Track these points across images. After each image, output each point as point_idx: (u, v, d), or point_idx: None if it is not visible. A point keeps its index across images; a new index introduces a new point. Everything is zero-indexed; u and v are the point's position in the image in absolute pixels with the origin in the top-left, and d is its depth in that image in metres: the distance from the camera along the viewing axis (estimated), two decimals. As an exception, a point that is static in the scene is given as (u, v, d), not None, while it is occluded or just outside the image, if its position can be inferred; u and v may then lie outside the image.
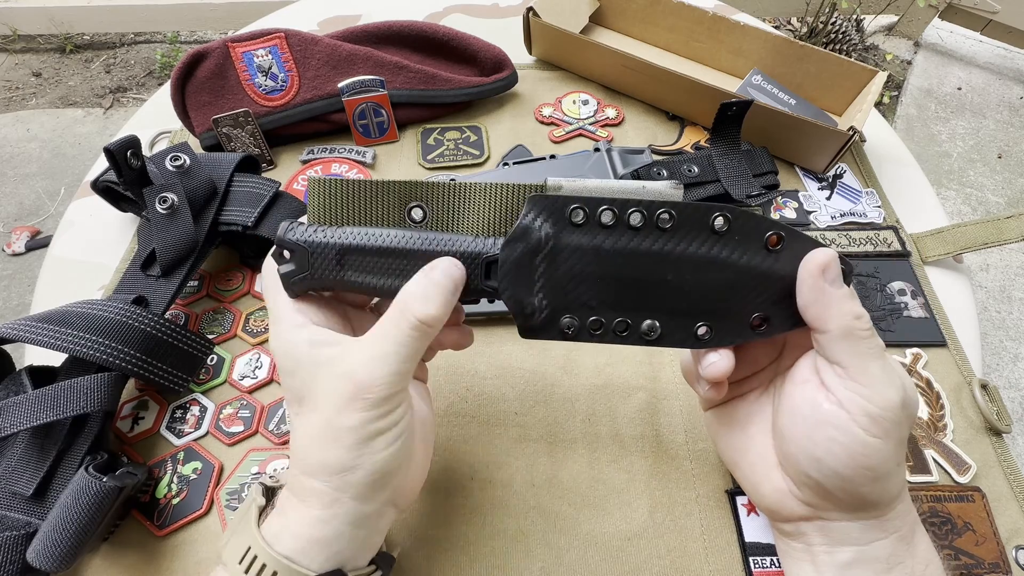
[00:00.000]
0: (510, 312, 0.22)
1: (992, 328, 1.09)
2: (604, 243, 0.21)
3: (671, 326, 0.22)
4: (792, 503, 0.23)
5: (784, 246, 0.21)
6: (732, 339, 0.22)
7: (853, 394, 0.20)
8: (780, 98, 0.49)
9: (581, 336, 0.22)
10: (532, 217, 0.22)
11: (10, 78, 1.47)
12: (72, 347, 0.28)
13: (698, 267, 0.21)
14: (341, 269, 0.22)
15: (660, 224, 0.21)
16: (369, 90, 0.46)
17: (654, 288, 0.22)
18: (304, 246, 0.22)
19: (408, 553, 0.29)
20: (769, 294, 0.22)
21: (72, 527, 0.25)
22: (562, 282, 0.22)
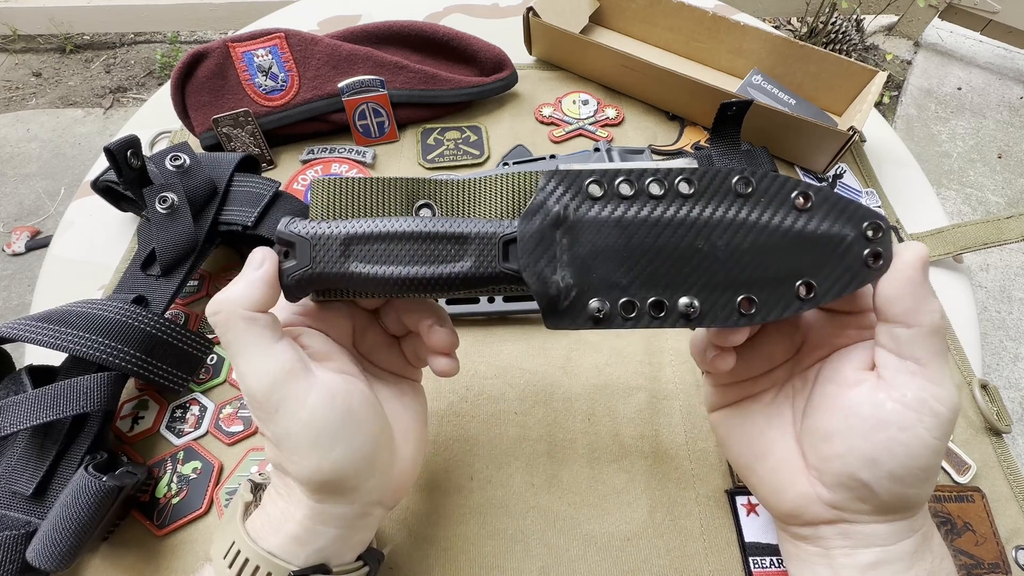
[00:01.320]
0: (534, 295, 0.20)
1: (992, 328, 1.09)
2: (626, 214, 0.20)
3: (711, 301, 0.20)
4: (817, 507, 0.22)
5: (814, 205, 0.20)
6: (780, 311, 0.20)
7: (925, 394, 0.19)
8: (780, 98, 0.49)
9: (613, 321, 0.20)
10: (549, 190, 0.20)
11: (10, 78, 1.47)
12: (72, 347, 0.28)
13: (728, 232, 0.20)
14: (347, 260, 0.21)
15: (680, 191, 0.20)
16: (369, 90, 0.46)
17: (686, 259, 0.20)
18: (306, 237, 0.21)
19: (408, 553, 0.29)
20: (809, 257, 0.20)
21: (72, 526, 0.25)
22: (587, 259, 0.20)
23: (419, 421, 0.25)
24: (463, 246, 0.21)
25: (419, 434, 0.25)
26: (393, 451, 0.23)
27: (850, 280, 0.20)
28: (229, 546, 0.21)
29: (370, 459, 0.21)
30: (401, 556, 0.29)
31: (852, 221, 0.20)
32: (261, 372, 0.20)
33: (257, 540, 0.21)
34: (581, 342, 0.37)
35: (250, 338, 0.20)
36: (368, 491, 0.22)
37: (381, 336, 0.26)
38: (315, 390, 0.20)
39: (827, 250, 0.20)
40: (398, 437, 0.24)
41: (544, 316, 0.21)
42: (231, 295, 0.20)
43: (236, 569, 0.20)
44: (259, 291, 0.20)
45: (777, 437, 0.23)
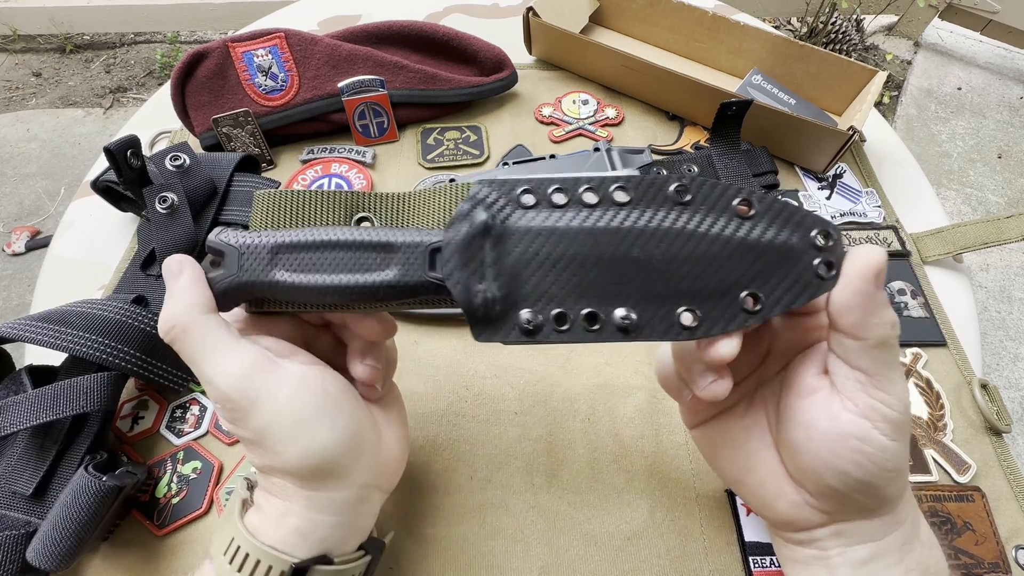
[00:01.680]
0: (459, 305, 0.19)
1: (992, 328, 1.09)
2: (559, 223, 0.19)
3: (649, 313, 0.19)
4: (809, 513, 0.22)
5: (757, 212, 0.19)
6: (725, 324, 0.19)
7: (875, 401, 0.19)
8: (780, 98, 0.49)
9: (544, 333, 0.19)
10: (479, 199, 0.20)
11: (10, 78, 1.47)
12: (72, 346, 0.28)
13: (666, 241, 0.19)
14: (273, 268, 0.20)
15: (616, 199, 0.19)
16: (369, 90, 0.46)
17: (621, 270, 0.19)
18: (235, 246, 0.20)
19: (408, 553, 0.29)
20: (755, 268, 0.19)
21: (72, 526, 0.25)
22: (516, 268, 0.19)
23: (397, 404, 0.26)
24: (389, 255, 0.20)
25: (398, 416, 0.25)
26: (378, 431, 0.23)
27: (801, 291, 0.19)
28: (229, 542, 0.21)
29: (356, 438, 0.21)
30: (401, 556, 0.29)
31: (800, 229, 0.19)
32: (230, 370, 0.20)
33: (256, 535, 0.21)
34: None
35: (212, 339, 0.20)
36: (361, 471, 0.22)
37: (334, 340, 0.25)
38: (287, 379, 0.20)
39: (774, 260, 0.19)
40: (379, 418, 0.24)
41: (471, 327, 0.20)
42: (179, 305, 0.20)
43: (237, 564, 0.20)
44: (199, 294, 0.20)
45: (758, 449, 0.23)
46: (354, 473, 0.22)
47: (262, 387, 0.20)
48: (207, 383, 0.20)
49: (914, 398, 0.35)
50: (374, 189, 0.46)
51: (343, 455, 0.21)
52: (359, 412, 0.22)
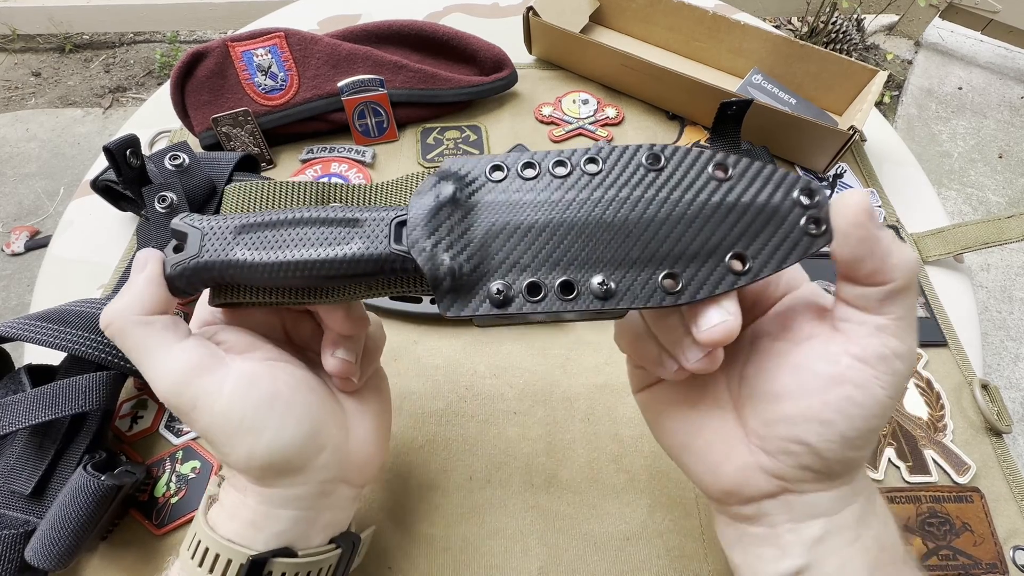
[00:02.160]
0: (426, 278, 0.18)
1: (993, 328, 1.09)
2: (528, 193, 0.19)
3: (629, 279, 0.18)
4: (759, 479, 0.20)
5: (734, 174, 0.18)
6: (712, 287, 0.18)
7: (887, 350, 0.18)
8: (780, 97, 0.48)
9: (517, 304, 0.18)
10: (448, 171, 0.19)
11: (9, 78, 1.47)
12: (71, 346, 0.28)
13: (642, 204, 0.18)
14: (233, 247, 0.19)
15: (587, 170, 0.19)
16: (369, 89, 0.46)
17: (596, 235, 0.18)
18: (198, 228, 0.20)
19: (407, 553, 0.29)
20: (738, 228, 0.18)
21: (70, 526, 0.25)
22: (486, 239, 0.18)
23: (377, 395, 0.25)
24: (353, 228, 0.19)
25: (377, 408, 0.24)
26: (345, 426, 0.23)
27: (791, 249, 0.18)
28: (192, 537, 0.21)
29: (311, 436, 0.21)
30: (400, 556, 0.29)
31: (781, 188, 0.18)
32: (166, 373, 0.20)
33: (215, 528, 0.21)
34: (581, 342, 0.37)
35: (149, 342, 0.20)
36: (320, 469, 0.21)
37: (315, 327, 0.25)
38: (230, 379, 0.20)
39: (759, 220, 0.18)
40: (352, 412, 0.23)
41: (437, 301, 0.18)
42: (120, 304, 0.20)
43: (198, 559, 0.20)
44: (148, 295, 0.20)
45: (710, 408, 0.22)
46: (311, 469, 0.21)
47: (201, 389, 0.19)
48: (150, 384, 0.20)
49: (914, 398, 0.35)
50: (374, 189, 0.45)
51: (296, 455, 0.21)
52: (317, 408, 0.22)
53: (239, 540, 0.20)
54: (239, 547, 0.20)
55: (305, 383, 0.22)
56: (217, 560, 0.20)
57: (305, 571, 0.21)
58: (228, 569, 0.20)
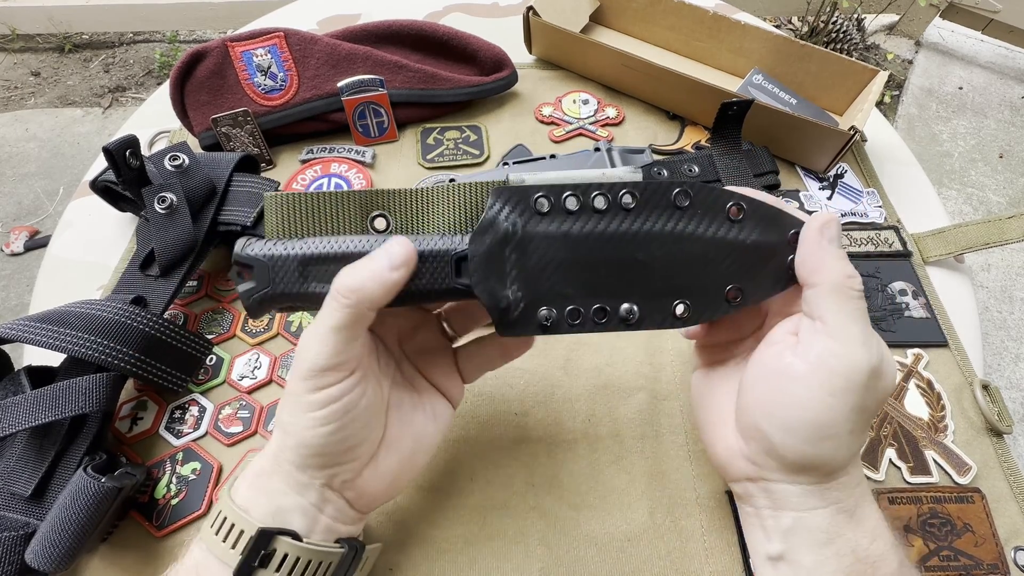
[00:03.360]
0: (486, 308, 0.22)
1: (993, 328, 1.09)
2: (572, 228, 0.22)
3: (649, 307, 0.22)
4: (740, 461, 0.23)
5: (746, 216, 0.22)
6: (711, 314, 0.22)
7: (824, 349, 0.20)
8: (781, 97, 0.48)
9: (560, 327, 0.22)
10: (498, 209, 0.22)
11: (9, 78, 1.47)
12: (71, 347, 0.28)
13: (667, 243, 0.22)
14: (305, 281, 0.22)
15: (624, 205, 0.22)
16: (368, 89, 0.46)
17: (627, 270, 0.22)
18: (264, 260, 0.22)
19: (407, 553, 0.29)
20: (739, 264, 0.22)
21: (71, 528, 0.25)
22: (535, 272, 0.22)
23: (417, 440, 0.25)
24: (417, 264, 0.22)
25: (409, 450, 0.24)
26: (373, 453, 0.23)
27: (774, 284, 0.22)
28: (217, 514, 0.22)
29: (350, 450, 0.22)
30: (401, 556, 0.29)
31: (779, 230, 0.22)
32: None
33: (234, 497, 0.22)
34: (581, 343, 0.37)
35: (348, 318, 0.21)
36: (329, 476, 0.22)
37: (434, 339, 0.26)
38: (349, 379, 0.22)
39: (756, 257, 0.22)
40: (387, 444, 0.24)
41: (496, 326, 0.22)
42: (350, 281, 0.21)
43: (216, 527, 0.21)
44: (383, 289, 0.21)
45: (722, 394, 0.25)
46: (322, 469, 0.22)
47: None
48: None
49: (915, 399, 0.35)
50: (374, 189, 0.45)
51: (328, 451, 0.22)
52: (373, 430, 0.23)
53: (248, 507, 0.21)
54: (248, 516, 0.21)
55: (378, 404, 0.23)
56: (232, 530, 0.21)
57: (306, 559, 0.21)
58: (239, 539, 0.21)
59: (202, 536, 0.22)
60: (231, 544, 0.21)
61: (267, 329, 0.37)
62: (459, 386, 0.27)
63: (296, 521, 0.22)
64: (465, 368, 0.27)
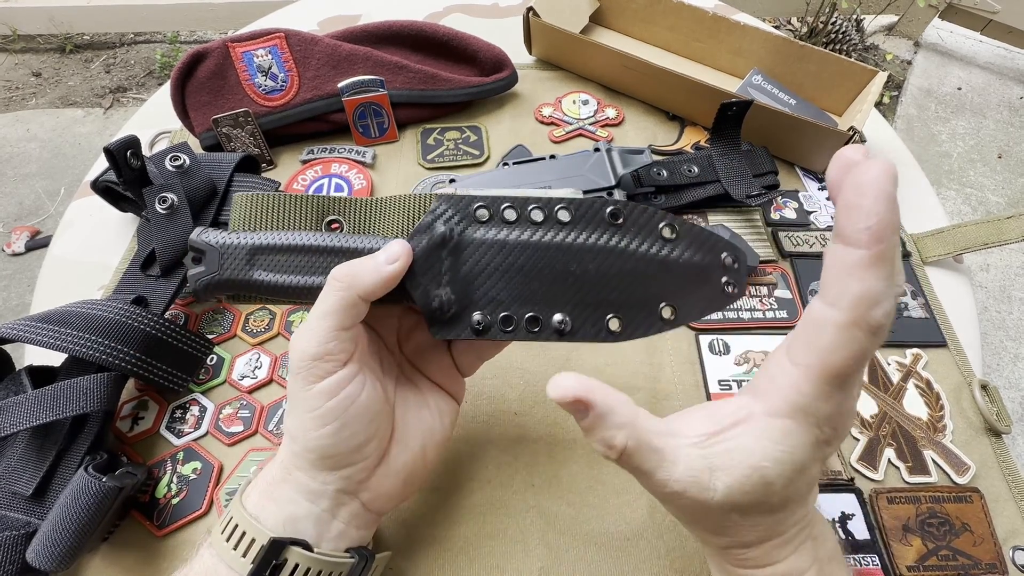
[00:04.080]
0: (418, 307, 0.22)
1: (992, 328, 1.09)
2: (508, 237, 0.22)
3: (582, 319, 0.22)
4: None
5: (679, 235, 0.22)
6: (645, 330, 0.22)
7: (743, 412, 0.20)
8: (780, 98, 0.49)
9: (493, 332, 0.22)
10: (438, 213, 0.22)
11: (10, 78, 1.47)
12: (71, 347, 0.28)
13: (600, 257, 0.22)
14: (251, 268, 0.23)
15: (559, 219, 0.22)
16: (369, 90, 0.46)
17: (560, 280, 0.22)
18: (216, 247, 0.23)
19: (407, 553, 0.29)
20: (673, 283, 0.22)
21: (72, 527, 0.25)
22: (469, 277, 0.22)
23: (427, 436, 0.25)
24: (356, 259, 0.22)
25: (419, 446, 0.25)
26: (384, 451, 0.24)
27: (708, 304, 0.22)
28: (228, 519, 0.22)
29: (356, 449, 0.22)
30: (401, 556, 0.29)
31: (713, 252, 0.22)
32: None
33: (245, 504, 0.22)
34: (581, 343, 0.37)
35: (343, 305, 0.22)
36: (342, 479, 0.22)
37: (430, 338, 0.26)
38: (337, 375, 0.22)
39: (689, 277, 0.22)
40: (397, 442, 0.24)
41: (428, 326, 0.23)
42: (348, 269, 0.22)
43: (227, 534, 0.21)
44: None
45: None
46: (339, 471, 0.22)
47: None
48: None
49: (914, 399, 0.35)
50: (374, 189, 0.46)
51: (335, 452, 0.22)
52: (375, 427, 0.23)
53: (260, 516, 0.21)
54: (260, 525, 0.21)
55: (379, 401, 0.23)
56: (243, 538, 0.21)
57: (317, 569, 0.21)
58: (251, 548, 0.21)
59: (212, 541, 0.22)
60: (242, 552, 0.21)
61: (268, 329, 0.37)
62: (460, 382, 0.27)
63: (307, 529, 0.22)
64: (462, 362, 0.27)
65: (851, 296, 0.16)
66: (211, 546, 0.22)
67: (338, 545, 0.23)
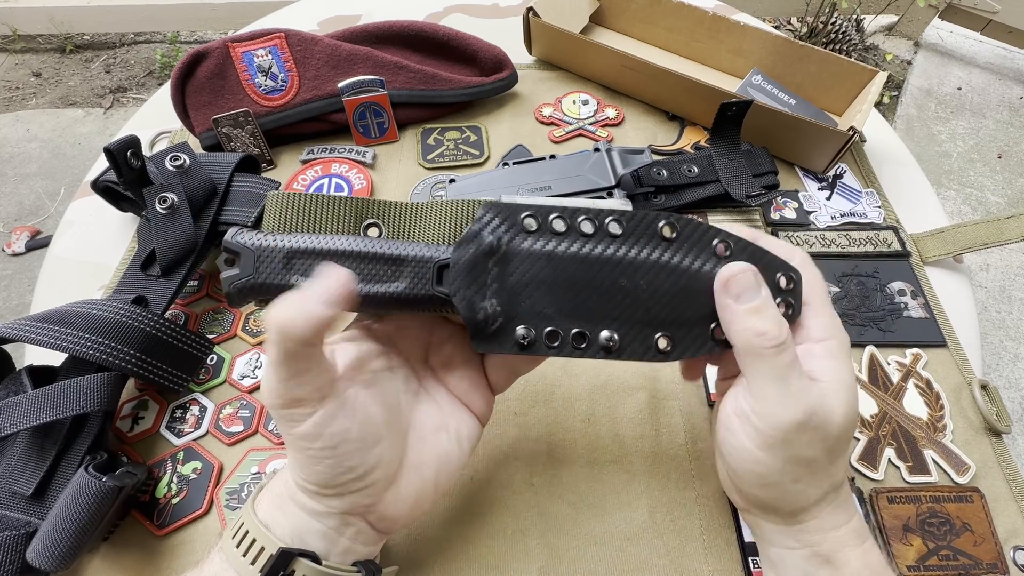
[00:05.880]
0: (462, 318, 0.21)
1: (992, 328, 1.09)
2: (556, 249, 0.21)
3: (630, 336, 0.21)
4: (731, 492, 0.25)
5: (733, 253, 0.21)
6: (695, 350, 0.22)
7: (748, 407, 0.21)
8: (780, 98, 0.49)
9: (537, 348, 0.21)
10: (485, 221, 0.21)
11: (10, 78, 1.47)
12: (72, 347, 0.28)
13: (651, 272, 0.21)
14: (288, 272, 0.22)
15: (610, 231, 0.21)
16: (369, 90, 0.46)
17: (609, 295, 0.21)
18: (251, 248, 0.22)
19: (407, 553, 0.29)
20: None
21: (72, 527, 0.25)
22: (516, 288, 0.21)
23: (442, 462, 0.24)
24: (399, 268, 0.22)
25: (433, 472, 0.23)
26: (394, 476, 0.22)
27: None
28: (239, 525, 0.22)
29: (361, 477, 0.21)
30: (401, 556, 0.29)
31: (768, 271, 0.22)
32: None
33: (257, 511, 0.22)
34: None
35: (285, 353, 0.20)
36: (349, 502, 0.21)
37: (461, 352, 0.25)
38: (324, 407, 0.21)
39: None
40: (409, 468, 0.23)
41: (471, 338, 0.22)
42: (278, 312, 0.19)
43: (237, 540, 0.21)
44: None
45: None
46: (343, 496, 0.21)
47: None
48: None
49: (914, 399, 0.35)
50: (374, 189, 0.46)
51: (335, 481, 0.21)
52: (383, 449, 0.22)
53: (270, 525, 0.21)
54: (271, 535, 0.21)
55: (379, 428, 0.22)
56: (252, 545, 0.21)
57: None
58: (260, 556, 0.21)
59: (223, 546, 0.22)
60: (251, 559, 0.20)
61: (268, 329, 0.37)
62: (488, 400, 0.26)
63: (315, 543, 0.21)
64: (495, 378, 0.25)
65: None
66: (222, 550, 0.22)
67: (345, 559, 0.22)
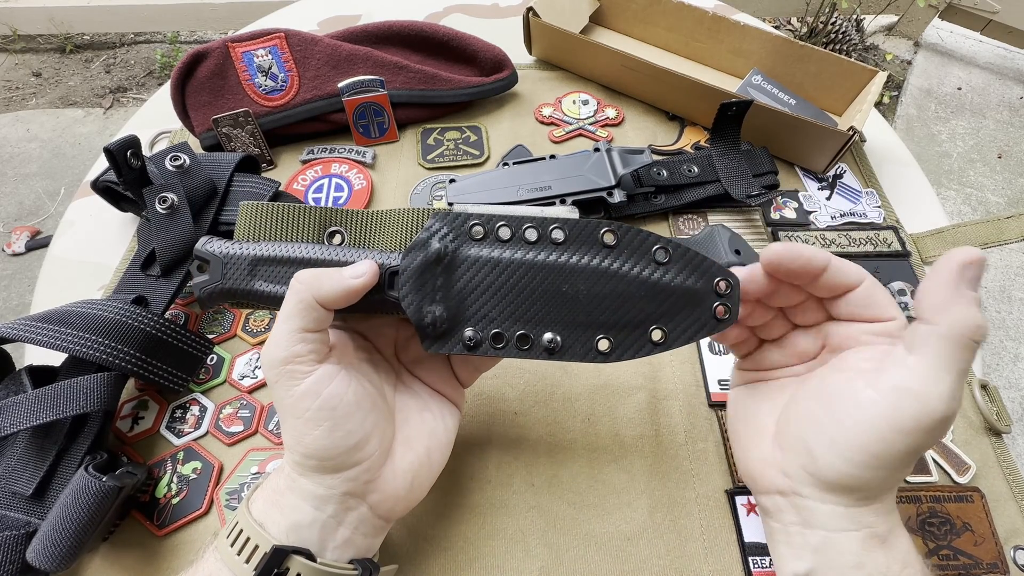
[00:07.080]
0: (411, 321, 0.23)
1: (992, 328, 1.09)
2: (501, 255, 0.23)
3: (572, 339, 0.23)
4: (773, 473, 0.23)
5: (672, 260, 0.22)
6: (634, 352, 0.23)
7: (904, 386, 0.19)
8: (780, 98, 0.49)
9: (484, 348, 0.23)
10: (434, 230, 0.23)
11: (10, 78, 1.47)
12: (72, 347, 0.28)
13: (592, 278, 0.22)
14: (252, 278, 0.24)
15: (554, 239, 0.23)
16: (369, 90, 0.46)
17: (552, 300, 0.23)
18: (219, 256, 0.24)
19: (407, 553, 0.29)
20: (664, 307, 0.22)
21: (72, 527, 0.25)
22: (462, 293, 0.23)
23: (431, 437, 0.25)
24: None
25: (424, 447, 0.25)
26: (388, 451, 0.24)
27: (699, 329, 0.22)
28: (234, 525, 0.22)
29: (355, 448, 0.22)
30: (401, 556, 0.29)
31: (705, 276, 0.22)
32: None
33: (251, 510, 0.22)
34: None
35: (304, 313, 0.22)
36: (347, 480, 0.22)
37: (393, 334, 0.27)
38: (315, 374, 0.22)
39: (681, 301, 0.22)
40: (401, 442, 0.24)
41: (420, 340, 0.23)
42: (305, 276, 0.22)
43: (232, 538, 0.21)
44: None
45: (766, 408, 0.25)
46: (342, 472, 0.22)
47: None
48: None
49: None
50: (374, 189, 0.46)
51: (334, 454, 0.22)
52: (371, 424, 0.23)
53: (265, 523, 0.22)
54: (265, 533, 0.21)
55: (370, 398, 0.23)
56: (247, 543, 0.21)
57: None
58: (254, 555, 0.21)
59: (218, 545, 0.22)
60: (245, 558, 0.21)
61: (268, 329, 0.37)
62: (460, 391, 0.28)
63: (311, 537, 0.22)
64: (460, 373, 0.27)
65: None
66: (216, 549, 0.22)
67: (343, 554, 0.22)
